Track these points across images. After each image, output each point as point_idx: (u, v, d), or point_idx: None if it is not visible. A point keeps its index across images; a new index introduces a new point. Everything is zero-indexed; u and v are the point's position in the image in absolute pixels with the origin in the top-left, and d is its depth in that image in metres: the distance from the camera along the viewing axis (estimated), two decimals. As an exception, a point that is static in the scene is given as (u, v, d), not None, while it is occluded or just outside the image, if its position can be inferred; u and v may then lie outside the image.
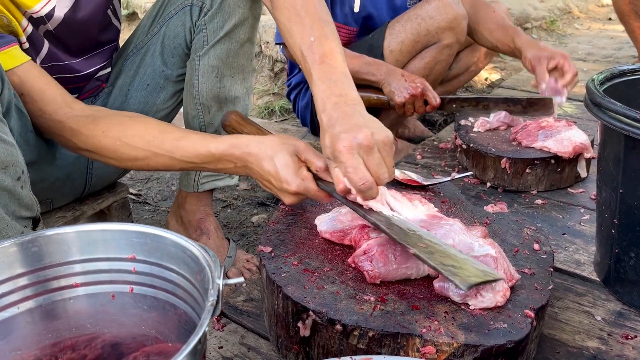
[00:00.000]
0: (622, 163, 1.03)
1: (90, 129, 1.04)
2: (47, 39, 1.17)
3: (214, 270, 0.72)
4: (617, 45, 4.05)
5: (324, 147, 0.93)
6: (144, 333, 0.86)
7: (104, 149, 1.04)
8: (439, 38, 1.81)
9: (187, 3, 1.26)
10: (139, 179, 2.15)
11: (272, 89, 2.94)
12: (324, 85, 0.96)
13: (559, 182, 1.58)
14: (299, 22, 1.02)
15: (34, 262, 0.82)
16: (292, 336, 0.91)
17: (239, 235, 1.76)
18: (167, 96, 1.35)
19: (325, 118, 0.93)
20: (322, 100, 0.95)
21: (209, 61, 1.27)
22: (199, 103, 1.30)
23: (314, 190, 0.95)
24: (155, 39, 1.32)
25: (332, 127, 0.91)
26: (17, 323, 0.82)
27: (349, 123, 0.89)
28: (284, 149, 0.96)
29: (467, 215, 1.15)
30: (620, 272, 1.11)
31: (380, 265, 0.91)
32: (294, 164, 0.95)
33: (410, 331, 0.82)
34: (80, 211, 1.38)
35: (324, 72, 0.97)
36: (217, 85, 1.29)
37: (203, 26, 1.25)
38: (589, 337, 1.04)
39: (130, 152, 1.03)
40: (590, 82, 1.10)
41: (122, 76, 1.34)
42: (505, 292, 0.88)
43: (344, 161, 0.88)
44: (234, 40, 1.27)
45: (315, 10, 1.04)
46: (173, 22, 1.29)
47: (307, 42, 1.00)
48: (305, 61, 1.00)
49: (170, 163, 1.03)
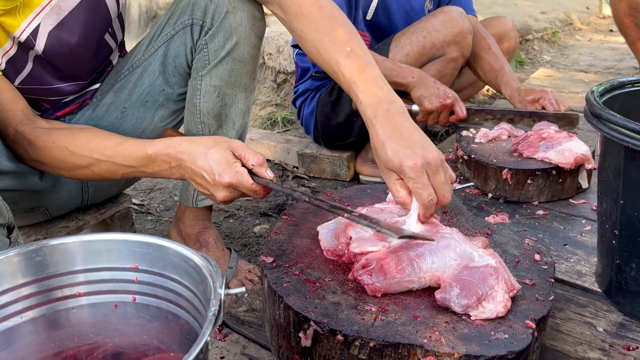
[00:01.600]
0: (622, 174, 1.04)
1: (43, 140, 1.07)
2: (37, 63, 1.17)
3: (215, 281, 0.72)
4: (618, 57, 4.07)
5: (381, 155, 0.97)
6: (146, 343, 0.87)
7: (53, 159, 1.07)
8: (444, 52, 1.83)
9: (187, 22, 1.25)
10: (141, 190, 2.16)
11: (275, 100, 2.95)
12: (372, 93, 1.00)
13: (561, 193, 1.58)
14: (329, 33, 1.05)
15: (38, 272, 0.83)
16: (293, 346, 0.91)
17: (241, 246, 1.76)
18: (165, 114, 1.34)
19: (380, 128, 0.97)
20: (372, 108, 0.98)
21: (211, 81, 1.26)
22: (200, 122, 1.30)
23: (248, 184, 0.97)
24: (153, 59, 1.31)
25: (392, 140, 0.96)
26: (20, 332, 0.82)
27: (409, 139, 0.95)
28: (218, 146, 0.99)
29: (468, 225, 1.15)
30: (621, 283, 1.12)
31: (381, 279, 0.92)
32: (227, 158, 0.97)
33: (411, 341, 0.82)
34: (84, 221, 1.39)
35: (369, 80, 1.01)
36: (219, 104, 1.29)
37: (204, 45, 1.24)
38: (590, 348, 1.04)
39: (76, 160, 1.06)
40: (590, 93, 1.11)
41: (117, 94, 1.32)
42: (506, 302, 0.88)
43: (414, 177, 0.93)
44: (236, 60, 1.25)
45: (344, 20, 1.08)
46: (174, 41, 1.28)
47: (343, 52, 1.03)
48: (342, 72, 1.03)
49: (113, 169, 1.06)
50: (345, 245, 1.02)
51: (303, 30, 1.09)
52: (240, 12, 1.21)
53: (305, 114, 2.13)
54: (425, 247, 0.95)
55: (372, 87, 1.00)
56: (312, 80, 2.04)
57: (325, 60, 1.06)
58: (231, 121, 1.33)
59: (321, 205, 0.97)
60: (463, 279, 0.89)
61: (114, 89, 1.33)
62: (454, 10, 1.82)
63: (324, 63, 1.08)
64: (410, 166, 0.93)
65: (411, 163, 0.93)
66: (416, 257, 0.93)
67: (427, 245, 0.95)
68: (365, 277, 0.93)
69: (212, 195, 1.00)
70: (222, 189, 0.98)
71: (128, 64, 1.34)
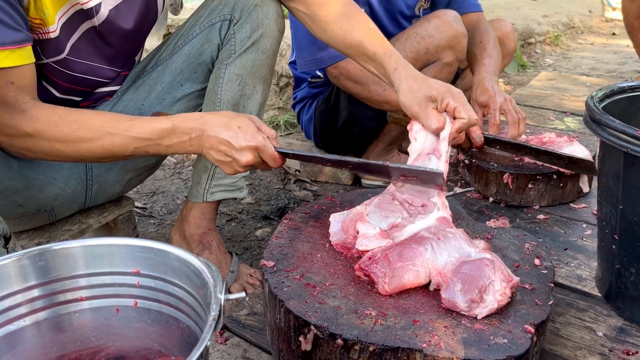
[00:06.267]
0: (621, 179, 1.04)
1: (48, 114, 1.05)
2: (85, 35, 1.19)
3: (216, 285, 0.73)
4: (621, 60, 4.07)
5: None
6: (148, 346, 0.87)
7: (58, 132, 1.04)
8: (438, 57, 1.82)
9: (215, 20, 1.33)
10: (144, 193, 2.17)
11: (278, 103, 2.96)
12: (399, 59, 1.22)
13: (561, 198, 1.58)
14: (355, 14, 1.27)
15: (41, 276, 0.83)
16: (293, 350, 0.92)
17: (243, 249, 1.77)
18: (179, 109, 1.39)
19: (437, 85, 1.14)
20: None
21: (235, 69, 1.32)
22: (219, 111, 1.34)
23: (271, 150, 1.06)
24: (177, 57, 1.37)
25: None
26: (23, 336, 0.83)
27: None
28: (241, 116, 1.07)
29: (469, 230, 1.16)
30: (621, 288, 1.12)
31: (386, 265, 0.95)
32: (253, 125, 1.06)
33: (410, 346, 0.83)
34: (86, 224, 1.39)
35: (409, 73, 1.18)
36: (239, 93, 1.35)
37: (232, 35, 1.31)
38: (590, 352, 1.04)
39: (85, 134, 1.05)
40: (590, 99, 1.11)
41: (137, 90, 1.36)
42: (505, 290, 0.90)
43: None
44: (260, 51, 1.33)
45: (361, 11, 1.30)
46: (200, 39, 1.35)
47: (366, 29, 1.25)
48: (368, 41, 1.23)
49: (125, 142, 1.06)
50: (353, 238, 1.04)
51: (327, 14, 1.26)
52: (266, 6, 1.31)
53: (304, 120, 2.14)
54: (427, 242, 0.98)
55: None
56: (309, 88, 2.05)
57: (348, 33, 1.25)
58: (248, 112, 1.38)
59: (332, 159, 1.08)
60: (462, 273, 0.92)
61: (134, 85, 1.38)
62: (447, 14, 1.81)
63: (346, 37, 1.25)
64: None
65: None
66: (418, 248, 0.97)
67: (428, 240, 0.99)
68: (372, 268, 0.96)
69: (234, 160, 1.05)
70: (248, 152, 1.04)
71: (152, 62, 1.40)
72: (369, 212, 1.09)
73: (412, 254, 0.96)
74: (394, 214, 1.09)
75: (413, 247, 0.97)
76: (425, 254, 0.97)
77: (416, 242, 0.99)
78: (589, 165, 1.50)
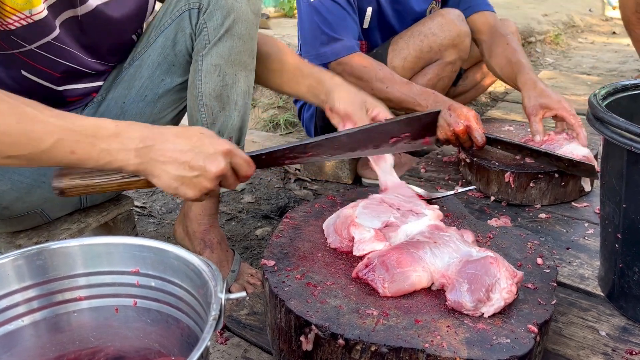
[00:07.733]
0: (625, 178, 1.03)
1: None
2: (65, 25, 1.16)
3: (216, 285, 0.72)
4: (621, 59, 4.06)
5: None
6: (147, 346, 0.87)
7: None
8: (441, 55, 1.81)
9: (184, 8, 1.27)
10: (143, 192, 2.17)
11: (277, 102, 2.95)
12: None
13: (563, 196, 1.58)
14: None
15: (39, 275, 0.83)
16: (294, 350, 0.91)
17: (243, 248, 1.76)
18: (165, 105, 1.34)
19: None
20: None
21: (212, 60, 1.27)
22: (203, 104, 1.30)
23: (243, 152, 0.94)
24: (152, 50, 1.32)
25: None
26: (21, 336, 0.82)
27: None
28: (194, 127, 0.92)
29: (470, 229, 1.15)
30: (624, 287, 1.11)
31: (383, 272, 0.93)
32: (212, 132, 0.93)
33: (412, 346, 0.82)
34: (85, 223, 1.39)
35: None
36: (220, 84, 1.29)
37: (203, 25, 1.26)
38: (593, 352, 1.03)
39: None
40: (593, 96, 1.10)
41: (117, 89, 1.33)
42: (511, 287, 0.89)
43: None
44: (235, 37, 1.27)
45: None
46: (172, 29, 1.30)
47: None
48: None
49: (46, 129, 0.81)
50: (349, 241, 1.04)
51: None
52: None
53: (306, 117, 2.13)
54: (425, 246, 0.97)
55: None
56: None
57: None
58: (233, 102, 1.33)
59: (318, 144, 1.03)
60: (468, 273, 0.91)
61: (114, 83, 1.34)
62: (451, 13, 1.81)
63: None
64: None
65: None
66: (417, 252, 0.96)
67: (426, 244, 0.97)
68: (369, 275, 0.95)
69: (201, 174, 0.88)
70: (220, 158, 0.89)
71: (129, 58, 1.35)
72: (358, 214, 1.07)
73: (412, 259, 0.94)
74: (385, 214, 1.08)
75: (412, 251, 0.96)
76: (425, 257, 0.95)
77: (414, 247, 0.97)
78: (588, 168, 1.49)
